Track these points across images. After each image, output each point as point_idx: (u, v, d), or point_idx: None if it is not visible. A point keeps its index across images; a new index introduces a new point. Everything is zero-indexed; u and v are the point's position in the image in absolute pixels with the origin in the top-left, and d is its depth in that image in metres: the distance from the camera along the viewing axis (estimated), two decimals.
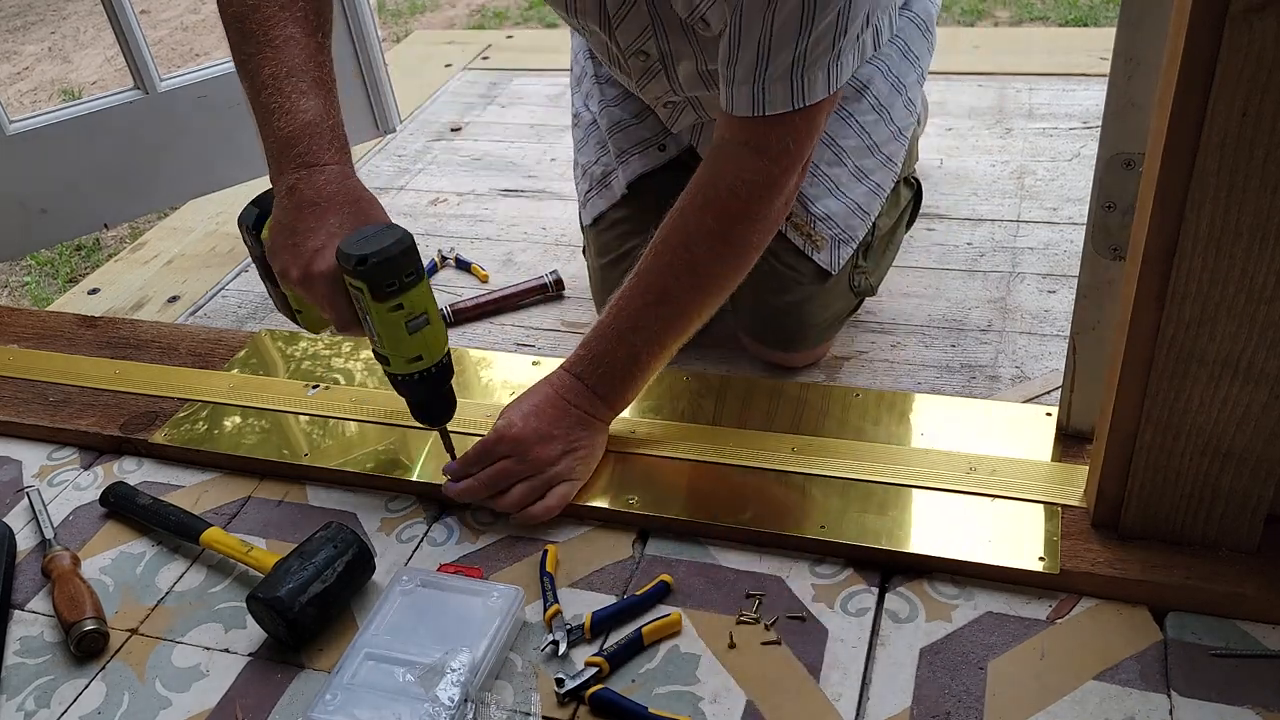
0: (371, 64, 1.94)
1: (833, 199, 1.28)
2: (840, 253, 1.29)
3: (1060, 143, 1.91)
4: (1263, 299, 0.78)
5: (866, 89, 1.29)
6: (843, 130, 1.27)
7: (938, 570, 0.96)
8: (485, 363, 1.31)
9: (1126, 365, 0.86)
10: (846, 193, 1.28)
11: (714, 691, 0.88)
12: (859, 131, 1.28)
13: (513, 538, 1.06)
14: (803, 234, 1.27)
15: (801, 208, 1.26)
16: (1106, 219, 0.93)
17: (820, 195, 1.26)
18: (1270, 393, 0.82)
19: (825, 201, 1.27)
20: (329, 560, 0.98)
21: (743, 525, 1.01)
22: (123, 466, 1.22)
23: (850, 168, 1.29)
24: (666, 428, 1.14)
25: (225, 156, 1.89)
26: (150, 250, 2.01)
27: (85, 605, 1.00)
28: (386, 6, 4.09)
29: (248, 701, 0.92)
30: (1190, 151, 0.74)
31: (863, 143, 1.28)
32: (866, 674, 0.88)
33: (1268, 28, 0.68)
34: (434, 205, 2.05)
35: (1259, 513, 0.90)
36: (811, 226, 1.27)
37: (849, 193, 1.28)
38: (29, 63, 3.94)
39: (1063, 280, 1.50)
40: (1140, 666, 0.86)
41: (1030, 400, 1.24)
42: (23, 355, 1.40)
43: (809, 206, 1.26)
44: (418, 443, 1.17)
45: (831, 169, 1.27)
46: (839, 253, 1.29)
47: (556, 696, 0.89)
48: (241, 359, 1.35)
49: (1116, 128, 0.89)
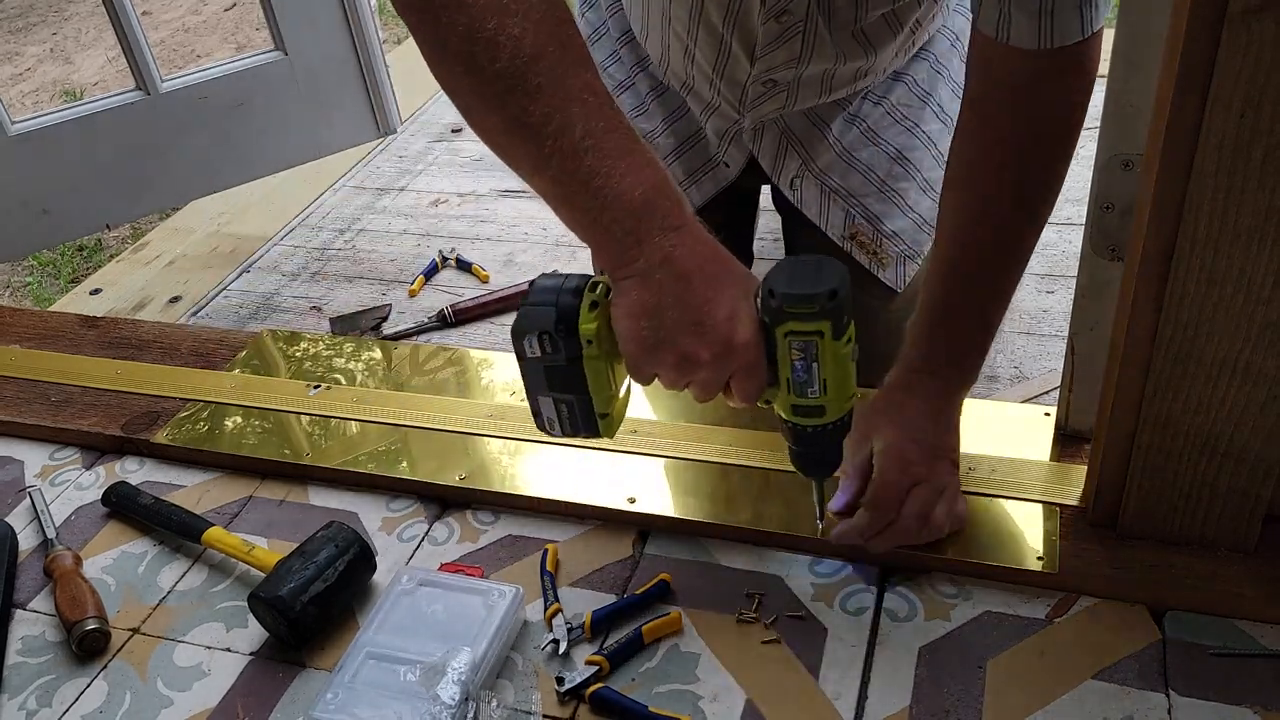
0: (372, 65, 1.95)
1: (903, 216, 1.24)
2: (905, 269, 1.25)
3: None
4: (1260, 299, 0.78)
5: (930, 97, 1.25)
6: (910, 143, 1.23)
7: (937, 569, 0.96)
8: (486, 363, 1.31)
9: (1125, 365, 0.86)
10: (915, 208, 1.25)
11: (714, 690, 0.89)
12: (926, 143, 1.25)
13: (513, 537, 1.06)
14: (868, 253, 1.24)
15: (871, 226, 1.23)
16: (1104, 220, 0.93)
17: (890, 213, 1.23)
18: (1268, 392, 0.83)
19: (895, 219, 1.23)
20: (330, 559, 0.98)
21: (743, 525, 1.02)
22: (124, 466, 1.22)
23: (919, 181, 1.25)
24: (666, 427, 1.15)
25: (226, 157, 1.90)
26: (152, 251, 2.01)
27: (87, 605, 1.00)
28: (387, 8, 4.10)
29: (249, 700, 0.93)
30: (1188, 153, 0.74)
31: (929, 154, 1.25)
32: (866, 673, 0.89)
33: (1266, 29, 0.68)
34: (435, 206, 2.05)
35: (1257, 512, 0.90)
36: (879, 245, 1.23)
37: (917, 208, 1.25)
38: (31, 64, 3.94)
39: (1061, 280, 1.51)
40: (1139, 666, 0.86)
41: (1029, 400, 1.25)
42: (25, 355, 1.40)
43: (878, 225, 1.23)
44: (418, 443, 1.17)
45: (899, 184, 1.23)
46: (904, 269, 1.26)
47: (557, 695, 0.89)
48: (243, 359, 1.35)
49: (1114, 129, 0.89)
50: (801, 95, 1.21)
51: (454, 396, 1.24)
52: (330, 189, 2.16)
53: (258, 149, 1.92)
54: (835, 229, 1.25)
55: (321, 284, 1.84)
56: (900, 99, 1.24)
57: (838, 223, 1.25)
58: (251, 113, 1.88)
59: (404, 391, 1.25)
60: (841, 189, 1.23)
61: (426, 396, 1.24)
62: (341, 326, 1.70)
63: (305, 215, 2.07)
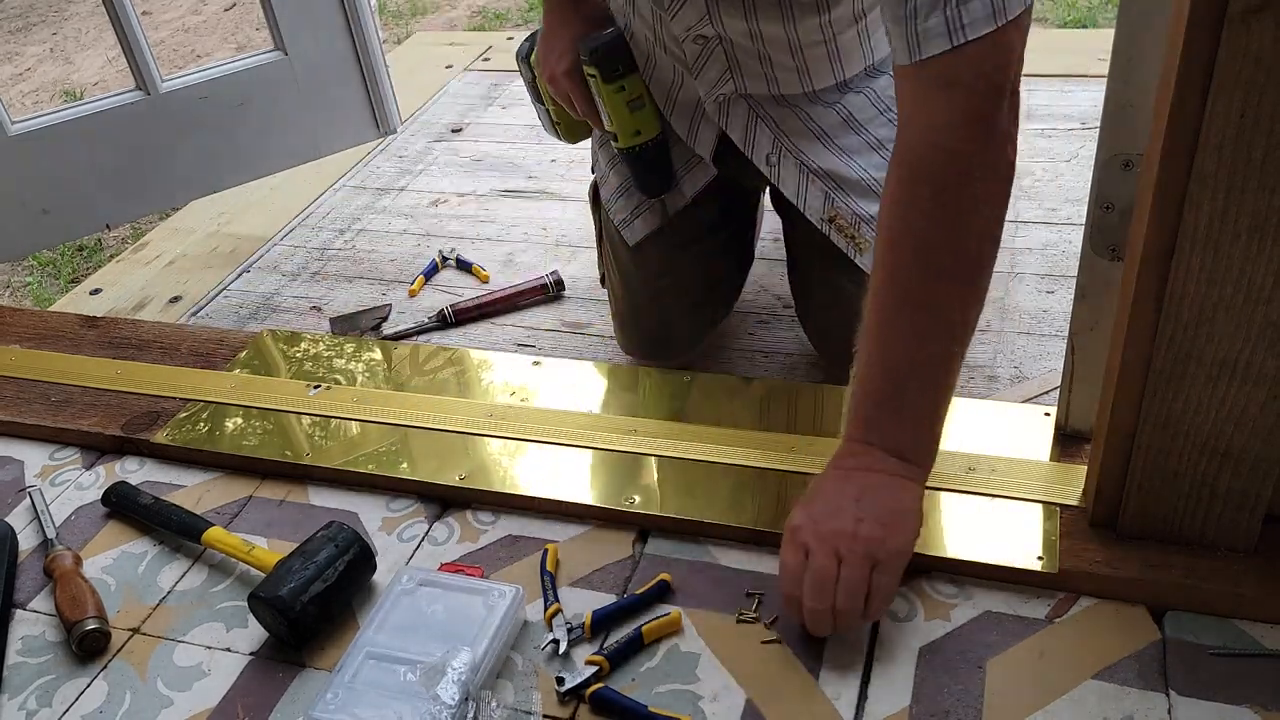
0: (372, 65, 1.95)
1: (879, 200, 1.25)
2: None
3: (1059, 143, 1.91)
4: (1260, 299, 0.78)
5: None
6: (888, 130, 1.25)
7: (937, 569, 0.96)
8: (486, 363, 1.31)
9: (1125, 365, 0.86)
10: None
11: (714, 690, 0.89)
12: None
13: (513, 537, 1.06)
14: (846, 236, 1.25)
15: (849, 210, 1.24)
16: (1105, 219, 0.93)
17: (868, 197, 1.23)
18: (1268, 392, 0.83)
19: (873, 204, 1.23)
20: (330, 559, 0.98)
21: (743, 525, 1.02)
22: (124, 466, 1.22)
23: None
24: (667, 428, 1.15)
25: (226, 157, 1.90)
26: (152, 250, 2.01)
27: (87, 605, 1.00)
28: (387, 8, 4.09)
29: (249, 700, 0.93)
30: (1188, 152, 0.74)
31: None
32: (866, 673, 0.89)
33: (1266, 29, 0.68)
34: (435, 206, 2.05)
35: (1257, 512, 0.90)
36: (857, 229, 1.24)
37: None
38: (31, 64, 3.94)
39: (1061, 280, 1.51)
40: (1139, 665, 0.86)
41: (1029, 400, 1.24)
42: (25, 355, 1.40)
43: (856, 209, 1.24)
44: (418, 443, 1.17)
45: (879, 172, 1.23)
46: None
47: (557, 695, 0.89)
48: (243, 359, 1.35)
49: (1115, 128, 0.89)
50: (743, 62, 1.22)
51: (454, 396, 1.24)
52: (330, 189, 2.16)
53: (258, 149, 1.92)
54: (814, 211, 1.26)
55: (321, 284, 1.84)
56: (884, 89, 1.25)
57: (816, 204, 1.25)
58: (251, 113, 1.88)
59: (404, 392, 1.25)
60: (820, 170, 1.24)
61: (426, 396, 1.24)
62: (341, 326, 1.69)
63: (305, 215, 2.07)
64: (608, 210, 1.43)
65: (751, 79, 1.24)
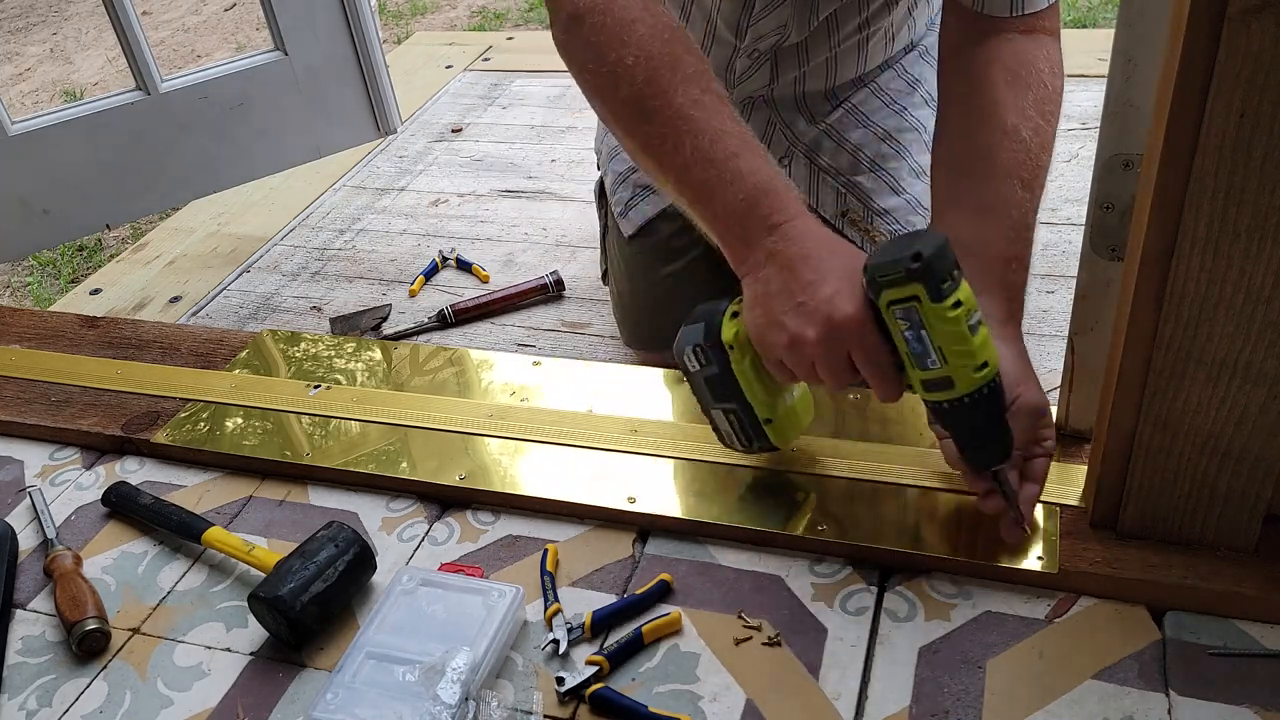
0: (372, 65, 1.95)
1: (894, 196, 1.26)
2: None
3: (1058, 143, 1.90)
4: (1261, 299, 0.78)
5: (919, 84, 1.28)
6: (900, 124, 1.26)
7: (936, 569, 0.96)
8: (486, 363, 1.31)
9: (1125, 365, 0.86)
10: (907, 189, 1.27)
11: (714, 690, 0.89)
12: (915, 126, 1.28)
13: (513, 537, 1.06)
14: (860, 230, 1.25)
15: (862, 204, 1.24)
16: (1105, 219, 0.93)
17: (881, 191, 1.24)
18: (1268, 392, 0.83)
19: (886, 198, 1.24)
20: (330, 559, 0.98)
21: (744, 525, 1.02)
22: (124, 466, 1.22)
23: (910, 164, 1.27)
24: (667, 427, 1.15)
25: (226, 157, 1.90)
26: (152, 251, 2.01)
27: (87, 605, 1.00)
28: (387, 8, 4.10)
29: (249, 700, 0.93)
30: (1188, 152, 0.74)
31: (920, 138, 1.28)
32: (866, 673, 0.89)
33: (1266, 29, 0.68)
34: (435, 206, 2.05)
35: (1257, 512, 0.90)
36: (870, 223, 1.25)
37: (909, 189, 1.27)
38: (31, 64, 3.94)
39: (1061, 280, 1.51)
40: (1139, 666, 0.86)
41: None
42: (25, 355, 1.40)
43: (869, 202, 1.24)
44: (418, 443, 1.17)
45: (890, 163, 1.25)
46: None
47: (557, 695, 0.89)
48: (243, 359, 1.35)
49: (1115, 129, 0.89)
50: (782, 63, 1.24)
51: (454, 396, 1.24)
52: (330, 189, 2.16)
53: (258, 149, 1.92)
54: (827, 207, 1.27)
55: (321, 284, 1.84)
56: (887, 83, 1.26)
57: (829, 201, 1.26)
58: (251, 113, 1.88)
59: (404, 392, 1.25)
60: (831, 168, 1.25)
61: (426, 396, 1.24)
62: (341, 326, 1.70)
63: (305, 215, 2.08)
64: (609, 196, 1.43)
65: (783, 82, 1.24)
